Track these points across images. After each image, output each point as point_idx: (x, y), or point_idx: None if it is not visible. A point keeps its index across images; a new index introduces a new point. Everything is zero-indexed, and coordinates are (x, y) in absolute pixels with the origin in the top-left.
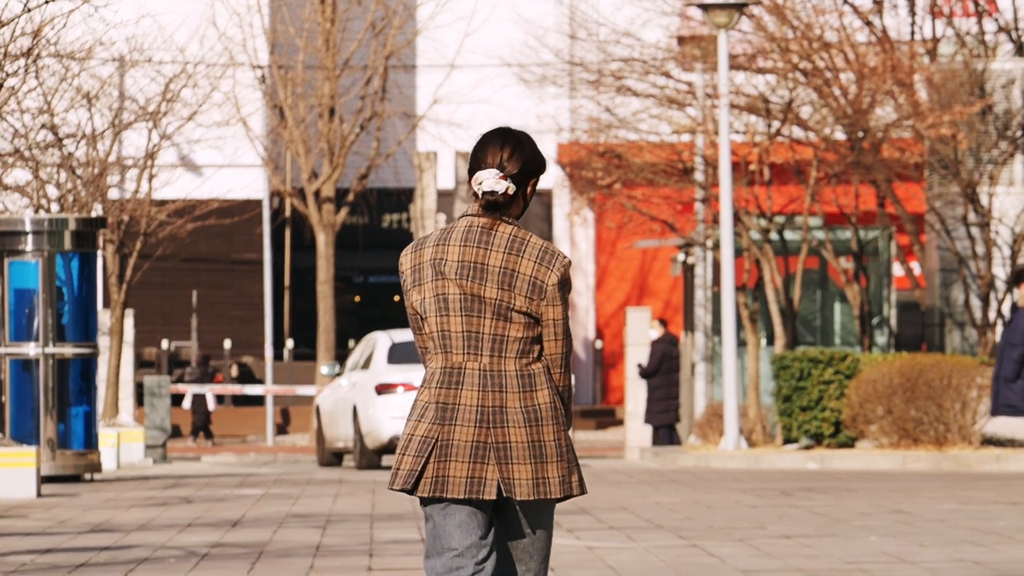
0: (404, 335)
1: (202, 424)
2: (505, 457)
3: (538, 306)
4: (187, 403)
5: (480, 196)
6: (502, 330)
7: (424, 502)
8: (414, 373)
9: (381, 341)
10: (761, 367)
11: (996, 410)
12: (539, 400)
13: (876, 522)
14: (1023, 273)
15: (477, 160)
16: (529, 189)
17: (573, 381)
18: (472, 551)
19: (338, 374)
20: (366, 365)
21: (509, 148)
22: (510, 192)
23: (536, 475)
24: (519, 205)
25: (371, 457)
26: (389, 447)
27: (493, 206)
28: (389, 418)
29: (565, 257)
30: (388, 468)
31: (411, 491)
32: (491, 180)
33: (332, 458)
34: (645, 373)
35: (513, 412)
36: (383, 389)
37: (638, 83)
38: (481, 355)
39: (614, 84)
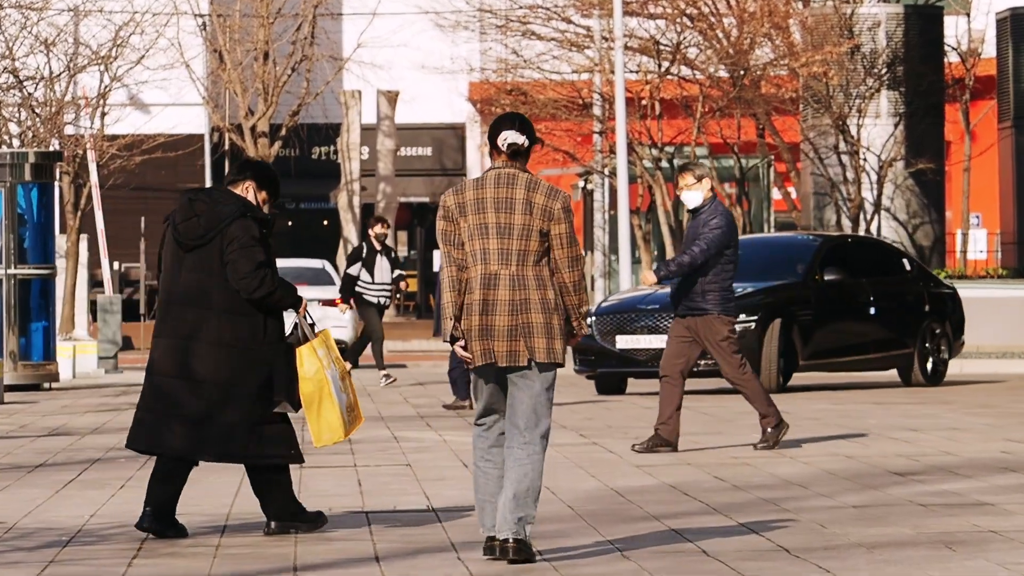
0: (281, 263)
1: None
2: (529, 333)
3: (549, 225)
4: None
5: (506, 148)
6: (524, 246)
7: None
8: None
9: None
10: None
11: (438, 332)
12: (549, 296)
13: (758, 421)
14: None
15: (499, 129)
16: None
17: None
18: (494, 404)
19: None
20: None
21: (519, 121)
22: (525, 144)
23: (548, 346)
24: (527, 159)
25: None
26: None
27: (515, 154)
28: None
29: (563, 191)
30: None
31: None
32: (513, 135)
33: None
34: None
35: (534, 303)
36: None
37: (542, 28)
38: (510, 264)
39: (520, 29)
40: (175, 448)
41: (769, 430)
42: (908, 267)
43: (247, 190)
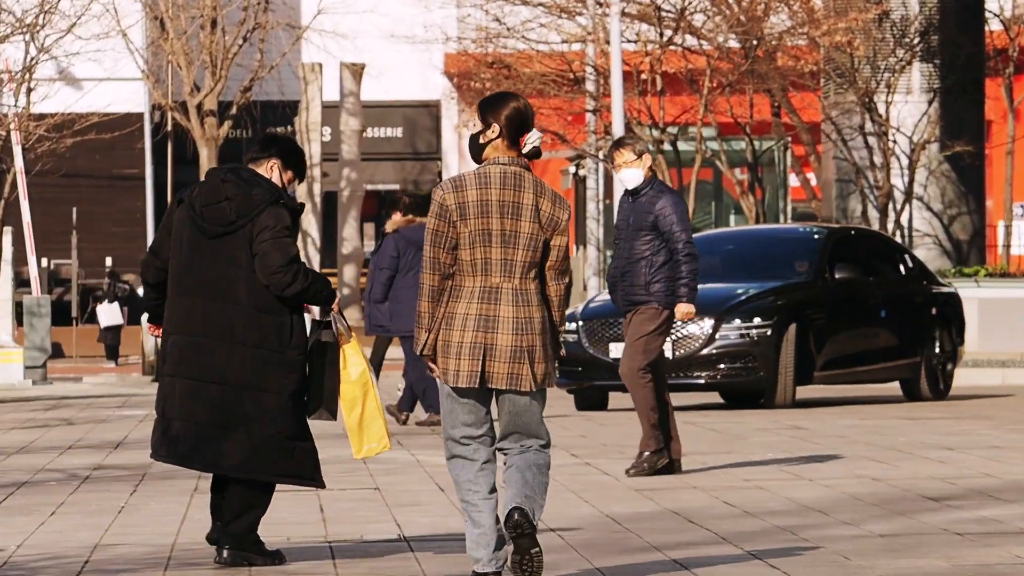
0: None
1: (115, 343)
2: (532, 357)
3: (551, 235)
4: (104, 322)
5: (529, 150)
6: (529, 257)
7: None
8: None
9: None
10: None
11: (369, 330)
12: (547, 313)
13: (774, 438)
14: (396, 203)
15: (499, 107)
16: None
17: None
18: (478, 428)
19: None
20: None
21: (530, 111)
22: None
23: (548, 370)
24: None
25: None
26: None
27: (534, 156)
28: None
29: (566, 200)
30: None
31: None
32: (537, 137)
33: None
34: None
35: (536, 322)
36: None
37: None
38: (513, 277)
39: None
40: (195, 460)
41: (647, 454)
42: (911, 264)
43: (272, 169)
